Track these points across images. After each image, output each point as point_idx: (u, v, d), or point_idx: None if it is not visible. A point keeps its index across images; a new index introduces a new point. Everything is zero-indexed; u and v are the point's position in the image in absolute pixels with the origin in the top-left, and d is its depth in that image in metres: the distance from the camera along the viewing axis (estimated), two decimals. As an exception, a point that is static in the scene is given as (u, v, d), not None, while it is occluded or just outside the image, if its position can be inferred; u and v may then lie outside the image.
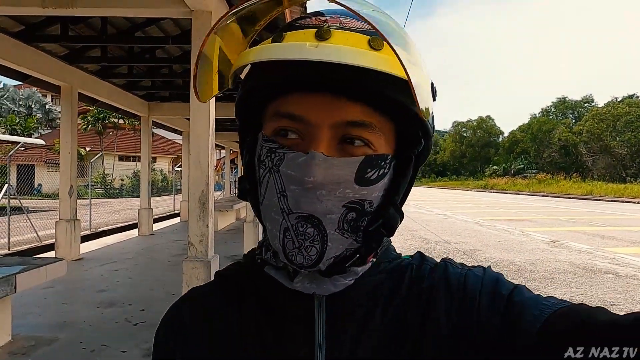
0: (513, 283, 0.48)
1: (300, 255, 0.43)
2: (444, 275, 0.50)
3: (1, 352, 3.48)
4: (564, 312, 0.41)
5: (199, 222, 4.05)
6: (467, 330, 0.45)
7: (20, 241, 8.93)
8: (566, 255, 7.96)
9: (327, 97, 0.42)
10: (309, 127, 0.43)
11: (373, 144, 0.44)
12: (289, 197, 0.43)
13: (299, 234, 0.43)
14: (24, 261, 3.75)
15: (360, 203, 0.44)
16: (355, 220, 0.45)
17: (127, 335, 3.90)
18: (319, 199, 0.42)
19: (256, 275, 0.51)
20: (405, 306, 0.48)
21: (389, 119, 0.45)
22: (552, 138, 48.24)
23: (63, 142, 7.46)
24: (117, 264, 7.11)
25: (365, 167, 0.44)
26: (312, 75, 0.41)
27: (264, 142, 0.46)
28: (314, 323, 0.47)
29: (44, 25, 6.17)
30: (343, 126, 0.43)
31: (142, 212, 10.65)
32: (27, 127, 30.61)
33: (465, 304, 0.46)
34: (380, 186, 0.46)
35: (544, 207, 20.29)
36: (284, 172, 0.43)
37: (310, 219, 0.43)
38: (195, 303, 0.55)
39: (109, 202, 22.39)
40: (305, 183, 0.42)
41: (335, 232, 0.44)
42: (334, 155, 0.43)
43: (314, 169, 0.42)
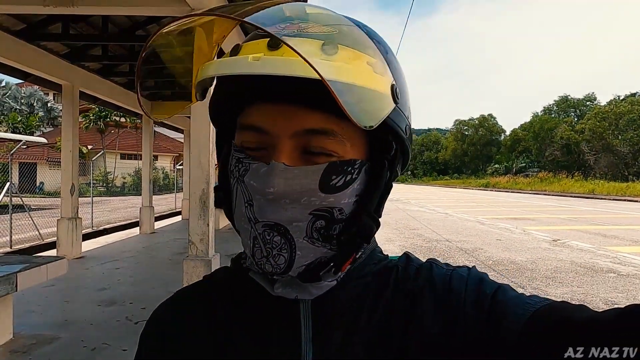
0: (497, 282, 0.48)
1: (268, 264, 0.43)
2: (429, 277, 0.49)
3: (3, 351, 3.49)
4: (546, 311, 0.42)
5: (199, 220, 4.05)
6: (452, 331, 0.45)
7: (22, 239, 8.96)
8: (568, 254, 7.94)
9: (286, 106, 0.42)
10: (271, 137, 0.43)
11: (336, 151, 0.43)
12: (255, 206, 0.43)
13: (266, 242, 0.43)
14: (25, 260, 3.76)
15: (328, 210, 0.43)
16: (325, 228, 0.44)
17: (128, 333, 3.91)
18: (283, 207, 0.42)
19: (242, 280, 0.51)
20: (391, 309, 0.48)
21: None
22: (554, 136, 48.12)
23: (65, 141, 7.47)
24: (119, 262, 7.12)
25: (329, 174, 0.43)
26: (265, 87, 0.41)
27: (234, 152, 0.46)
28: (300, 328, 0.47)
29: (45, 24, 6.18)
30: (303, 135, 0.42)
31: (144, 211, 10.67)
32: (29, 125, 30.70)
33: (451, 305, 0.46)
34: (349, 192, 0.44)
35: (546, 205, 20.26)
36: (248, 182, 0.43)
37: (276, 227, 0.43)
38: (180, 305, 0.55)
39: (111, 200, 22.44)
40: (266, 194, 0.42)
41: (303, 240, 0.43)
42: (296, 164, 0.42)
43: (274, 179, 0.41)
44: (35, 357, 3.40)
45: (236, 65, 0.39)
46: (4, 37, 5.85)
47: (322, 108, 0.42)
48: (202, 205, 4.05)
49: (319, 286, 0.47)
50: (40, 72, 6.79)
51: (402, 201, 22.72)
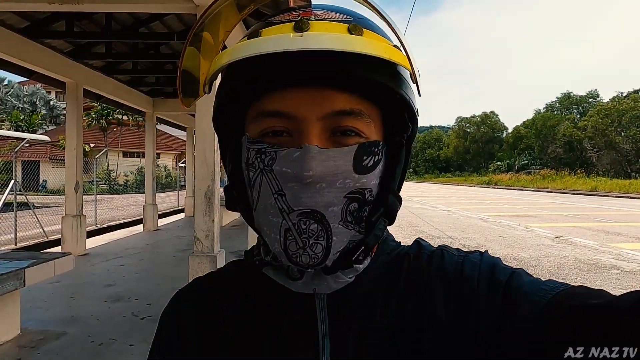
0: (511, 267, 0.47)
1: (305, 255, 0.42)
2: (441, 265, 0.49)
3: (11, 346, 3.53)
4: (562, 297, 0.41)
5: (205, 217, 4.07)
6: (466, 319, 0.44)
7: (26, 236, 9.01)
8: (571, 251, 7.94)
9: (311, 89, 0.42)
10: (298, 122, 0.42)
11: (364, 132, 0.44)
12: (288, 195, 0.42)
13: (302, 233, 0.42)
14: (32, 256, 3.79)
15: (361, 192, 0.43)
16: (357, 210, 0.44)
17: (134, 329, 3.94)
18: (319, 192, 0.41)
19: (254, 276, 0.50)
20: (405, 300, 0.47)
21: (375, 105, 0.45)
22: (556, 134, 47.96)
23: (68, 138, 7.50)
24: (123, 259, 7.16)
25: (361, 155, 0.43)
26: (296, 68, 0.40)
27: (250, 144, 0.44)
28: (317, 322, 0.46)
29: (49, 22, 6.19)
30: (332, 117, 0.42)
31: (147, 208, 10.70)
32: (32, 123, 30.76)
33: (464, 293, 0.46)
34: (376, 173, 0.45)
35: (548, 203, 20.23)
36: (279, 170, 0.42)
37: (313, 214, 0.42)
38: (198, 296, 0.55)
39: (113, 198, 22.51)
40: (304, 178, 0.40)
41: (339, 225, 0.43)
42: (327, 147, 0.42)
43: (311, 162, 0.40)
44: (43, 352, 3.43)
45: (282, 42, 0.38)
46: (9, 34, 5.86)
47: (346, 88, 0.42)
48: (207, 201, 4.07)
49: (338, 280, 0.46)
50: (44, 70, 6.80)
51: (404, 199, 22.64)
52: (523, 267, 0.48)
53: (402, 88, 0.43)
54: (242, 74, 0.42)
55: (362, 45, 0.38)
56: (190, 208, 12.99)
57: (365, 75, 0.40)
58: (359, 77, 0.40)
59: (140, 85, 9.81)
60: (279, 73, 0.41)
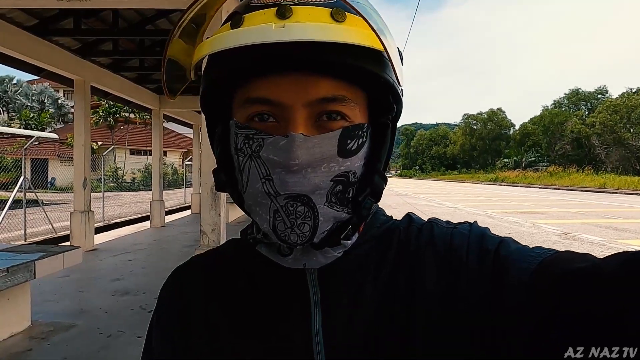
0: (499, 237, 0.48)
1: (293, 234, 0.43)
2: (430, 237, 0.49)
3: (22, 337, 3.59)
4: (549, 262, 0.41)
5: (211, 211, 4.11)
6: (456, 290, 0.45)
7: (35, 232, 9.13)
8: (578, 247, 7.90)
9: (295, 76, 0.42)
10: (283, 109, 0.43)
11: (348, 115, 0.44)
12: (275, 179, 0.43)
13: (289, 214, 0.43)
14: (42, 249, 3.85)
15: (345, 175, 0.45)
16: (342, 192, 0.45)
17: (142, 321, 3.98)
18: (305, 177, 0.42)
19: (249, 253, 0.52)
20: (395, 272, 0.48)
21: (360, 88, 0.45)
22: (564, 130, 47.56)
23: (77, 135, 7.57)
24: (131, 254, 7.23)
25: (345, 139, 0.44)
26: (278, 57, 0.40)
27: (238, 129, 0.45)
28: (309, 296, 0.48)
29: (57, 19, 6.26)
30: (317, 103, 0.43)
31: (154, 205, 10.78)
32: (41, 121, 31.07)
33: (453, 264, 0.46)
34: (360, 155, 0.46)
35: (556, 199, 20.09)
36: (266, 157, 0.43)
37: (300, 197, 0.43)
38: (197, 271, 0.56)
39: (121, 195, 22.69)
40: (290, 167, 0.42)
41: (324, 206, 0.44)
42: (312, 133, 0.43)
43: (297, 150, 0.41)
44: (53, 343, 3.49)
45: (263, 34, 0.38)
46: (18, 32, 5.93)
47: (330, 74, 0.42)
48: (213, 196, 4.10)
49: (327, 255, 0.47)
50: (52, 67, 6.88)
51: (410, 196, 22.67)
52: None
53: (386, 71, 0.44)
54: (224, 63, 0.43)
55: (343, 35, 0.39)
56: (196, 205, 13.07)
57: (348, 62, 0.41)
58: (342, 64, 0.41)
59: (146, 83, 9.88)
60: (262, 62, 0.41)
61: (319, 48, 0.39)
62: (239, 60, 0.42)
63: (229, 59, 0.42)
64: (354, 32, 0.39)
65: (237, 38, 0.40)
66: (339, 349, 0.46)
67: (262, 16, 0.40)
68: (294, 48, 0.39)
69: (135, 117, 32.18)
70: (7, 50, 5.88)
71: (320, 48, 0.39)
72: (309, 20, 0.39)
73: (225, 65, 0.43)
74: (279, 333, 0.48)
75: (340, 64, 0.41)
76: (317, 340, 0.46)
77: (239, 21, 0.41)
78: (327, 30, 0.39)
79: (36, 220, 9.43)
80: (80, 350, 3.38)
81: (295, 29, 0.38)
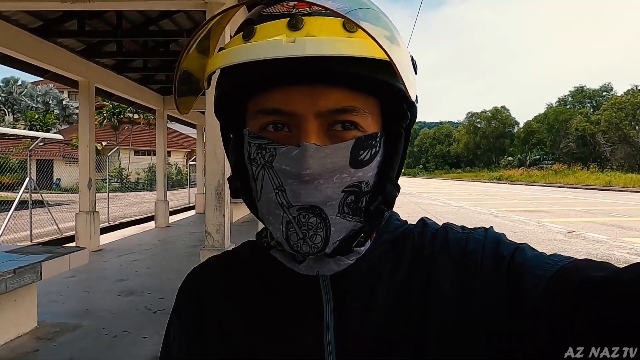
0: (516, 243, 0.47)
1: (305, 245, 0.44)
2: (445, 242, 0.49)
3: (28, 337, 3.61)
4: (566, 271, 0.40)
5: (215, 212, 4.12)
6: (471, 295, 0.44)
7: (41, 233, 9.18)
8: (583, 246, 7.86)
9: (307, 87, 0.42)
10: (296, 119, 0.43)
11: (361, 125, 0.44)
12: (287, 190, 0.43)
13: (301, 225, 0.43)
14: (48, 250, 3.87)
15: (358, 185, 0.45)
16: (354, 202, 0.45)
17: (147, 322, 4.00)
18: (317, 188, 0.42)
19: (264, 257, 0.52)
20: (409, 277, 0.48)
21: (373, 97, 0.45)
22: (569, 128, 47.31)
23: (82, 136, 7.61)
24: (136, 254, 7.26)
25: (357, 150, 0.44)
26: (290, 70, 0.40)
27: (251, 139, 0.45)
28: (322, 301, 0.48)
29: (61, 21, 6.28)
30: (328, 114, 0.43)
31: (159, 205, 10.82)
32: (46, 122, 31.26)
33: (468, 270, 0.46)
34: (374, 165, 0.46)
35: (561, 198, 19.99)
36: (278, 167, 0.43)
37: (312, 209, 0.43)
38: (213, 272, 0.57)
39: (125, 195, 22.77)
40: (302, 176, 0.42)
41: (336, 217, 0.44)
42: (325, 143, 0.43)
43: (309, 161, 0.41)
44: (60, 343, 3.51)
45: (274, 49, 0.38)
46: (22, 34, 5.96)
47: (342, 85, 0.43)
48: (217, 196, 4.11)
49: (340, 263, 0.47)
50: (57, 69, 6.91)
51: (413, 194, 22.62)
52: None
53: (399, 81, 0.43)
54: (236, 76, 0.44)
55: (354, 48, 0.39)
56: (200, 205, 13.11)
57: (359, 73, 0.41)
58: (354, 76, 0.41)
59: (150, 83, 9.91)
60: (273, 75, 0.42)
61: (330, 61, 0.39)
62: (250, 74, 0.42)
63: (240, 73, 0.43)
64: (365, 43, 0.39)
65: (248, 53, 0.40)
66: (350, 354, 0.46)
67: (274, 28, 0.41)
68: (305, 61, 0.39)
69: (139, 118, 32.29)
70: (11, 52, 5.91)
71: (331, 61, 0.39)
72: (320, 33, 0.39)
73: (237, 79, 0.44)
74: (292, 336, 0.48)
75: (352, 75, 0.41)
76: (329, 344, 0.46)
77: (250, 32, 0.42)
78: (338, 44, 0.39)
79: (42, 221, 9.49)
80: (87, 351, 3.40)
81: (306, 44, 0.38)
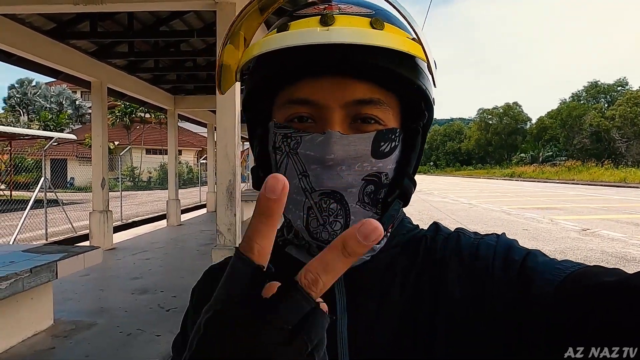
0: (527, 248, 0.47)
1: (325, 232, 0.45)
2: (457, 246, 0.50)
3: (45, 335, 3.68)
4: (576, 276, 0.41)
5: (227, 211, 4.14)
6: (481, 301, 0.45)
7: (56, 232, 9.35)
8: (598, 244, 7.74)
9: (335, 79, 0.45)
10: (322, 109, 0.45)
11: (382, 119, 0.46)
12: (311, 176, 0.45)
13: (322, 211, 0.45)
14: (63, 249, 3.93)
15: (377, 175, 0.47)
16: (374, 192, 0.47)
17: (160, 320, 4.05)
18: (339, 174, 0.45)
19: (278, 254, 0.53)
20: (420, 279, 0.49)
21: (394, 94, 0.47)
22: (582, 124, 46.54)
23: (95, 136, 7.70)
24: (148, 253, 7.34)
25: (378, 141, 0.46)
26: (323, 59, 0.43)
27: (277, 129, 0.48)
28: (335, 298, 0.49)
29: (74, 23, 6.36)
30: (353, 105, 0.45)
31: (170, 204, 10.92)
32: (60, 122, 31.73)
33: (479, 274, 0.46)
34: (393, 158, 0.48)
35: (575, 195, 19.70)
36: (303, 153, 0.45)
37: (333, 194, 0.45)
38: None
39: (138, 194, 23.04)
40: (326, 161, 0.44)
41: (356, 205, 0.46)
42: (347, 133, 0.45)
43: (333, 146, 0.44)
44: (76, 341, 3.57)
45: (309, 36, 0.41)
46: (36, 36, 6.05)
47: (367, 78, 0.45)
48: (229, 195, 4.13)
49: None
50: (70, 70, 7.00)
51: (424, 192, 22.49)
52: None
53: (420, 79, 0.46)
54: (271, 64, 0.46)
55: (383, 39, 0.41)
56: (211, 203, 13.20)
57: (386, 67, 0.43)
58: (379, 68, 0.43)
59: (161, 83, 9.99)
60: (306, 64, 0.44)
61: (358, 51, 0.41)
62: (283, 62, 0.45)
63: (275, 60, 0.45)
64: (392, 37, 0.42)
65: (284, 39, 0.43)
66: (363, 352, 0.47)
67: (307, 23, 0.44)
68: (334, 52, 0.41)
69: (150, 117, 32.59)
70: (26, 53, 6.00)
71: (359, 51, 0.41)
72: (350, 26, 0.43)
73: (272, 67, 0.46)
74: None
75: (378, 67, 0.43)
76: (342, 342, 0.47)
77: (285, 27, 0.45)
78: (368, 35, 0.42)
79: (56, 220, 9.65)
80: (102, 348, 3.45)
81: (339, 32, 0.41)
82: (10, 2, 4.37)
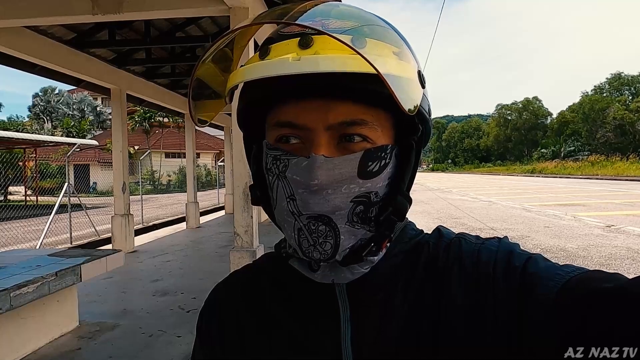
0: (529, 253, 0.47)
1: (316, 252, 0.45)
2: (458, 253, 0.50)
3: (71, 336, 3.80)
4: (576, 281, 0.41)
5: (243, 213, 4.19)
6: (483, 306, 0.45)
7: (80, 235, 9.59)
8: (623, 240, 7.52)
9: (318, 101, 0.44)
10: (307, 132, 0.45)
11: (371, 137, 0.46)
12: (298, 200, 0.45)
13: (311, 232, 0.45)
14: (87, 253, 4.05)
15: (366, 195, 0.46)
16: (363, 212, 0.46)
17: (181, 321, 4.13)
18: (325, 198, 0.44)
19: (282, 267, 0.54)
20: (423, 288, 0.49)
21: (383, 110, 0.46)
22: (606, 117, 45.17)
23: (115, 142, 7.89)
24: (169, 255, 7.48)
25: (366, 161, 0.45)
26: (298, 85, 0.43)
27: (268, 150, 0.48)
28: (339, 310, 0.49)
29: (93, 32, 6.54)
30: (337, 127, 0.45)
31: (189, 206, 11.09)
32: (82, 129, 32.55)
33: (480, 281, 0.46)
34: (384, 176, 0.47)
35: (598, 190, 19.17)
36: (290, 177, 0.45)
37: (320, 217, 0.45)
38: (233, 287, 0.60)
39: (158, 197, 23.44)
40: (311, 186, 0.44)
41: (345, 225, 0.46)
42: (334, 155, 0.45)
43: (317, 172, 0.43)
44: (100, 342, 3.67)
45: (281, 67, 0.41)
46: (58, 46, 6.24)
47: (352, 99, 0.44)
48: (245, 198, 4.18)
49: (354, 271, 0.49)
50: (90, 78, 7.19)
51: (442, 190, 22.24)
52: (570, 258, 0.48)
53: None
54: (254, 90, 0.47)
55: (360, 65, 0.39)
56: (229, 205, 13.34)
57: (366, 88, 0.42)
58: (363, 90, 0.43)
59: (178, 88, 10.15)
60: (283, 90, 0.45)
61: (336, 76, 0.41)
62: (264, 89, 0.46)
63: (257, 87, 0.46)
64: (374, 59, 0.39)
65: (258, 71, 0.44)
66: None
67: (286, 47, 0.43)
68: (313, 77, 0.41)
69: (169, 121, 33.11)
70: (48, 63, 6.21)
71: (338, 76, 0.41)
72: (327, 50, 0.41)
73: (254, 93, 0.47)
74: (309, 345, 0.50)
75: (358, 89, 0.43)
76: (346, 353, 0.48)
77: (266, 52, 0.45)
78: (341, 61, 0.40)
79: (80, 224, 9.90)
80: (125, 349, 3.54)
81: (310, 61, 0.40)
82: (32, 14, 4.52)
